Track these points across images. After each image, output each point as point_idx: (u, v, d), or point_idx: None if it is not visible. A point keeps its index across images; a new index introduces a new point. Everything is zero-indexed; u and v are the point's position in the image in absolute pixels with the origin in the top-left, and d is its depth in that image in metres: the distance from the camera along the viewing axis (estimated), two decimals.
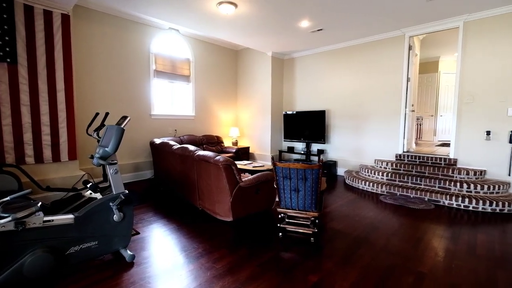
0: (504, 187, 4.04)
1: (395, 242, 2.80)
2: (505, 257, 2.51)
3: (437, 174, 4.52)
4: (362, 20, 4.74)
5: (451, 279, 2.16)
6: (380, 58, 5.57)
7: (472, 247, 2.70)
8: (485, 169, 4.36)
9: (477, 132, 4.46)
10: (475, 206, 3.77)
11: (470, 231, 3.08)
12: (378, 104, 5.63)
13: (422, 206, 3.91)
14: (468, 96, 4.56)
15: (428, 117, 8.15)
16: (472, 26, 4.49)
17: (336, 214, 3.66)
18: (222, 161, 3.00)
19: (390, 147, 5.48)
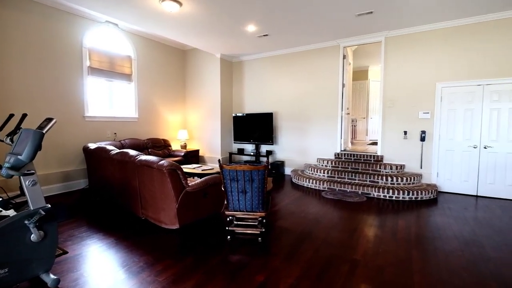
0: (418, 178, 4.78)
1: (335, 234, 3.08)
2: (418, 238, 2.97)
3: (368, 170, 5.11)
4: (304, 30, 5.08)
5: (378, 262, 2.47)
6: (320, 65, 6.04)
7: (394, 232, 3.13)
8: (404, 164, 5.10)
9: (397, 132, 5.19)
10: (397, 196, 4.38)
11: (393, 219, 3.57)
12: (319, 107, 6.10)
13: (356, 199, 4.37)
14: (389, 101, 5.26)
15: (361, 119, 9.15)
16: (391, 41, 5.20)
17: (283, 212, 3.84)
18: (167, 166, 2.89)
19: (330, 147, 5.98)
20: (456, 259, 2.52)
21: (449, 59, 4.70)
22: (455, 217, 3.60)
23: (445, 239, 2.94)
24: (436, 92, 4.82)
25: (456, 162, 4.70)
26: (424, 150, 4.96)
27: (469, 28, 4.53)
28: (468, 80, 4.57)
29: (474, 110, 4.54)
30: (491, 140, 4.43)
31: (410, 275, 2.27)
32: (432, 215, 3.70)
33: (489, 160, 4.45)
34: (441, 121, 4.79)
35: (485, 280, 2.18)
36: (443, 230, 3.20)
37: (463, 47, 4.59)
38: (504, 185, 4.36)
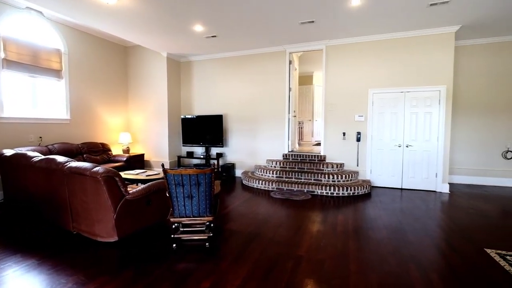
0: (355, 175, 5.28)
1: (281, 233, 3.19)
2: (355, 230, 3.27)
3: (313, 169, 5.44)
4: (252, 34, 5.18)
5: (320, 256, 2.64)
6: (268, 69, 6.23)
7: (335, 226, 3.39)
8: (343, 162, 5.58)
9: (337, 134, 5.65)
10: (337, 192, 4.76)
11: (334, 214, 3.86)
12: (268, 110, 6.28)
13: (302, 197, 4.61)
14: (330, 105, 5.70)
15: (307, 122, 9.71)
16: (331, 49, 5.64)
17: (233, 214, 3.84)
18: (102, 173, 2.63)
19: (278, 148, 6.20)
20: (384, 246, 2.83)
21: (379, 68, 5.31)
22: (384, 209, 4.06)
23: (377, 229, 3.29)
24: (368, 97, 5.39)
25: (385, 159, 5.32)
26: (359, 150, 5.49)
27: (394, 42, 5.18)
28: (393, 87, 5.22)
29: (398, 113, 5.21)
30: (412, 140, 5.14)
31: (347, 264, 2.47)
32: (366, 208, 4.12)
33: (410, 157, 5.15)
34: (373, 124, 5.38)
35: (406, 263, 2.50)
36: (375, 221, 3.58)
37: (389, 58, 5.23)
38: (421, 178, 5.09)
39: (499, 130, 5.40)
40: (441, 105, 4.92)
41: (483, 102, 5.48)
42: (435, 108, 4.97)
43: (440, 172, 4.97)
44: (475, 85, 5.52)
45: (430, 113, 5.00)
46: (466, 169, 5.62)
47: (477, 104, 5.52)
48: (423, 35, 4.99)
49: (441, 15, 4.29)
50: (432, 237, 3.05)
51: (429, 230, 3.25)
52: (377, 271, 2.36)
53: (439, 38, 4.91)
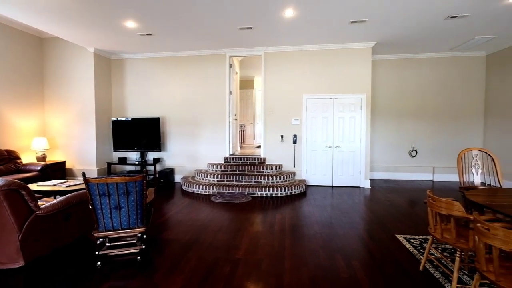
0: (292, 175, 5.60)
1: (220, 237, 3.16)
2: (291, 228, 3.45)
3: (253, 171, 5.57)
4: (190, 35, 5.04)
5: (257, 256, 2.69)
6: (209, 71, 6.15)
7: (272, 225, 3.52)
8: (282, 164, 5.86)
9: (276, 136, 5.91)
10: (276, 193, 4.97)
11: (272, 214, 4.01)
12: (209, 113, 6.19)
13: (243, 200, 4.66)
14: (269, 109, 5.94)
15: (249, 125, 9.92)
16: (269, 56, 5.89)
17: (170, 222, 3.64)
18: (1, 186, 2.20)
19: (220, 151, 6.15)
20: (316, 241, 3.06)
21: (311, 76, 5.76)
22: (317, 206, 4.40)
23: (310, 225, 3.54)
24: (303, 102, 5.79)
25: (318, 160, 5.78)
26: (296, 151, 5.85)
27: (323, 52, 5.69)
28: (324, 94, 5.72)
29: (328, 118, 5.73)
30: (340, 142, 5.71)
31: (282, 261, 2.59)
32: (302, 206, 4.39)
33: (339, 157, 5.72)
34: (307, 127, 5.79)
35: (334, 254, 2.75)
36: (308, 217, 3.84)
37: (319, 67, 5.72)
38: (348, 175, 5.70)
39: (407, 132, 6.42)
40: (362, 111, 5.60)
41: (395, 108, 6.44)
42: (358, 113, 5.63)
43: (363, 170, 5.64)
44: (389, 94, 6.45)
45: (354, 118, 5.65)
46: (383, 166, 6.51)
47: (391, 110, 6.46)
48: (347, 48, 5.61)
49: (360, 32, 4.89)
50: (356, 229, 3.43)
51: (353, 223, 3.64)
52: (309, 265, 2.52)
53: (360, 52, 5.59)
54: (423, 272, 2.39)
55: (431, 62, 6.29)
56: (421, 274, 2.37)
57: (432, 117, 6.33)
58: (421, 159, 6.38)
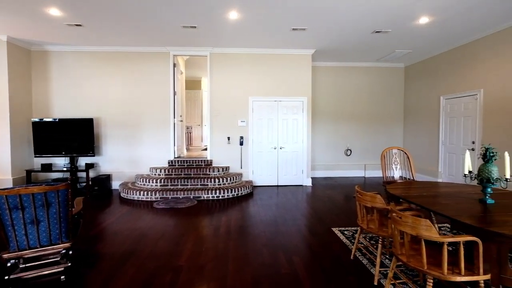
0: (239, 177, 5.64)
1: (162, 245, 2.99)
2: (236, 229, 3.46)
3: (199, 174, 5.44)
4: (130, 30, 4.67)
5: (200, 262, 2.62)
6: (151, 69, 5.80)
7: (218, 228, 3.48)
8: (229, 165, 5.85)
9: (223, 138, 5.88)
10: (223, 195, 4.94)
11: (218, 216, 3.96)
12: (151, 114, 5.83)
13: (188, 204, 4.51)
14: (216, 110, 5.88)
15: (196, 126, 9.67)
16: (215, 57, 5.84)
17: (105, 234, 3.30)
18: None
19: (164, 154, 5.84)
20: (260, 240, 3.13)
21: (257, 78, 5.89)
22: (263, 205, 4.51)
23: (255, 225, 3.60)
24: (249, 104, 5.89)
25: (264, 160, 5.94)
26: (242, 153, 5.91)
27: (268, 56, 5.88)
28: (269, 96, 5.91)
29: (273, 119, 5.94)
30: (284, 143, 5.97)
31: (226, 264, 2.57)
32: (248, 206, 4.45)
33: (283, 157, 5.97)
34: (253, 128, 5.90)
35: (276, 252, 2.84)
36: (254, 217, 3.91)
37: (265, 70, 5.89)
38: (292, 175, 5.99)
39: (342, 133, 7.05)
40: (304, 113, 5.95)
41: (333, 111, 7.02)
42: (300, 116, 5.97)
43: (305, 169, 5.99)
44: (327, 98, 7.00)
45: (296, 120, 5.97)
46: (323, 165, 7.03)
47: (329, 113, 7.01)
48: (290, 54, 5.91)
49: (301, 39, 5.20)
50: (298, 225, 3.61)
51: (296, 219, 3.83)
52: (253, 265, 2.56)
53: (301, 58, 5.94)
54: (353, 260, 2.64)
55: (361, 70, 7.04)
56: (352, 262, 2.61)
57: (363, 120, 7.08)
58: (355, 157, 7.08)
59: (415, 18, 4.21)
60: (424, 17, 4.18)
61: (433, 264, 1.75)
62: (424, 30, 4.72)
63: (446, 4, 3.75)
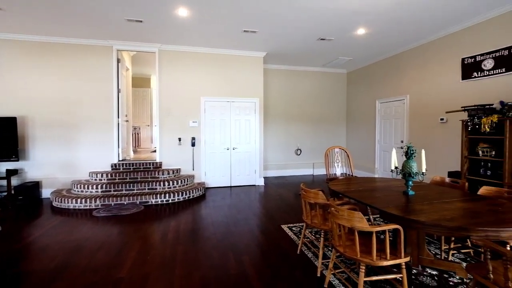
0: (191, 179, 5.48)
1: (100, 257, 2.73)
2: (185, 233, 3.35)
3: (147, 178, 5.13)
4: (64, 18, 4.17)
5: (144, 271, 2.47)
6: (90, 64, 5.27)
7: (165, 234, 3.32)
8: (180, 168, 5.65)
9: (173, 139, 5.65)
10: (173, 198, 4.74)
11: (167, 222, 3.79)
12: (91, 113, 5.30)
13: (133, 210, 4.21)
14: (166, 110, 5.62)
15: (146, 127, 9.11)
16: (165, 54, 5.57)
17: (31, 249, 2.89)
18: None
19: (106, 157, 5.36)
20: (210, 242, 3.08)
21: (209, 78, 5.80)
22: (215, 207, 4.45)
23: (206, 227, 3.53)
24: (201, 104, 5.76)
25: (216, 161, 5.88)
26: (194, 154, 5.76)
27: (221, 57, 5.83)
28: (221, 97, 5.87)
29: (226, 120, 5.92)
30: (237, 143, 5.99)
31: (173, 270, 2.46)
32: (200, 209, 4.35)
33: (236, 158, 5.99)
34: (205, 129, 5.80)
35: (226, 253, 2.83)
36: (205, 219, 3.83)
37: (218, 70, 5.83)
38: (245, 175, 6.05)
39: (293, 134, 7.36)
40: (256, 114, 6.06)
41: (284, 112, 7.28)
42: (253, 116, 6.05)
43: (257, 169, 6.10)
44: (279, 99, 7.23)
45: (249, 120, 6.04)
46: (275, 165, 7.25)
47: (280, 114, 7.25)
48: (242, 55, 5.95)
49: (253, 41, 5.28)
50: (249, 224, 3.65)
51: (247, 219, 3.87)
52: (201, 268, 2.51)
53: (253, 60, 6.03)
54: (300, 255, 2.77)
55: (309, 74, 7.45)
56: (298, 256, 2.74)
57: (311, 121, 7.50)
58: (304, 157, 7.46)
59: (354, 29, 4.61)
60: (361, 29, 4.61)
61: (366, 252, 1.93)
62: (361, 40, 5.20)
63: (379, 18, 4.19)
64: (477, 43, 4.17)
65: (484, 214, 1.88)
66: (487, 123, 3.49)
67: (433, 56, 4.93)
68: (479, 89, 4.14)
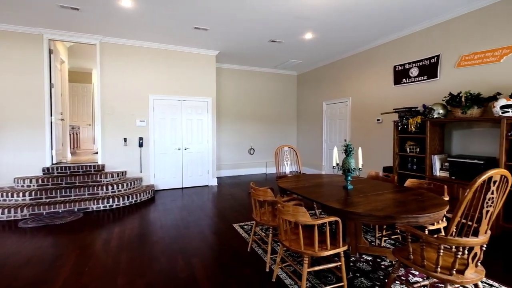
0: (138, 181, 5.15)
1: (27, 273, 2.40)
2: (130, 240, 3.14)
3: (87, 182, 4.67)
4: None
5: (81, 284, 2.24)
6: (15, 54, 4.58)
7: (108, 242, 3.07)
8: (126, 170, 5.27)
9: (118, 139, 5.24)
10: (118, 203, 4.40)
11: (109, 228, 3.50)
12: (16, 111, 4.61)
13: (70, 219, 3.79)
14: (109, 108, 5.18)
15: (86, 126, 8.27)
16: (107, 47, 5.13)
17: None
18: None
19: (35, 161, 4.72)
20: (158, 246, 2.93)
21: (159, 75, 5.52)
22: (164, 210, 4.26)
23: (154, 231, 3.36)
24: (149, 103, 5.45)
25: (167, 162, 5.63)
26: (142, 155, 5.43)
27: (171, 53, 5.59)
28: (172, 95, 5.64)
29: (177, 120, 5.70)
30: (189, 143, 5.82)
31: (115, 279, 2.29)
32: (148, 213, 4.12)
33: (188, 158, 5.82)
34: (154, 129, 5.51)
35: (175, 256, 2.73)
36: (154, 224, 3.64)
37: (168, 67, 5.58)
38: (197, 176, 5.92)
39: (246, 133, 7.44)
40: (209, 114, 5.96)
41: (237, 112, 7.31)
42: (205, 116, 5.95)
43: (210, 169, 6.01)
44: (232, 99, 7.23)
45: (201, 120, 5.92)
46: (228, 164, 7.24)
47: (233, 114, 7.27)
48: (194, 53, 5.80)
49: (204, 39, 5.18)
50: (200, 226, 3.58)
51: (198, 220, 3.79)
52: (147, 274, 2.37)
53: (206, 58, 5.92)
54: (250, 252, 2.81)
55: (262, 75, 7.61)
56: (249, 254, 2.78)
57: (264, 120, 7.67)
58: (258, 156, 7.60)
59: (302, 33, 4.85)
60: (308, 33, 4.87)
61: (309, 245, 2.04)
62: (310, 44, 5.49)
63: (323, 25, 4.48)
64: (406, 52, 4.74)
65: (407, 203, 2.14)
66: (413, 123, 3.99)
67: (371, 63, 5.46)
68: (407, 94, 4.71)
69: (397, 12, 4.00)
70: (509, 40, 3.39)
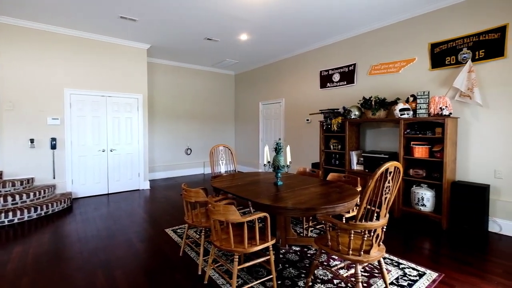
0: (51, 189, 4.42)
1: None
2: (35, 260, 2.66)
3: None
4: None
5: None
6: None
7: (4, 265, 2.54)
8: (33, 177, 4.45)
9: (22, 141, 4.39)
10: (20, 217, 3.69)
11: (8, 248, 2.90)
12: None
13: None
14: (9, 103, 4.30)
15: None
16: (8, 29, 4.23)
17: None
18: None
19: None
20: (73, 263, 2.56)
21: (78, 67, 4.82)
22: (84, 220, 3.76)
23: (68, 247, 2.92)
24: (65, 97, 4.73)
25: (89, 166, 4.98)
26: (56, 159, 4.67)
27: (94, 43, 4.95)
28: (94, 90, 5.01)
29: (101, 117, 5.10)
30: (115, 144, 5.27)
31: None
32: (62, 226, 3.56)
33: (115, 161, 5.27)
34: (72, 128, 4.81)
35: (93, 271, 2.42)
36: (69, 238, 3.17)
37: (89, 59, 4.92)
38: (126, 180, 5.41)
39: (182, 133, 7.14)
40: (139, 111, 5.51)
41: (171, 110, 6.95)
42: (135, 114, 5.47)
43: (142, 172, 5.57)
44: (167, 97, 6.85)
45: (130, 118, 5.43)
46: (163, 166, 6.84)
47: (168, 112, 6.89)
48: (122, 44, 5.26)
49: (133, 30, 4.75)
50: (127, 234, 3.27)
51: (126, 228, 3.46)
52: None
53: (135, 51, 5.44)
54: (182, 257, 2.69)
55: (200, 73, 7.42)
56: (181, 258, 2.66)
57: (201, 119, 7.50)
58: (195, 156, 7.38)
59: (237, 33, 4.90)
60: (243, 34, 4.95)
61: (240, 242, 2.06)
62: (245, 45, 5.59)
63: (257, 27, 4.61)
64: (330, 60, 5.24)
65: (328, 195, 2.36)
66: (335, 123, 4.44)
67: (301, 67, 5.87)
68: (331, 96, 5.22)
69: (321, 24, 4.39)
70: (405, 54, 4.07)
